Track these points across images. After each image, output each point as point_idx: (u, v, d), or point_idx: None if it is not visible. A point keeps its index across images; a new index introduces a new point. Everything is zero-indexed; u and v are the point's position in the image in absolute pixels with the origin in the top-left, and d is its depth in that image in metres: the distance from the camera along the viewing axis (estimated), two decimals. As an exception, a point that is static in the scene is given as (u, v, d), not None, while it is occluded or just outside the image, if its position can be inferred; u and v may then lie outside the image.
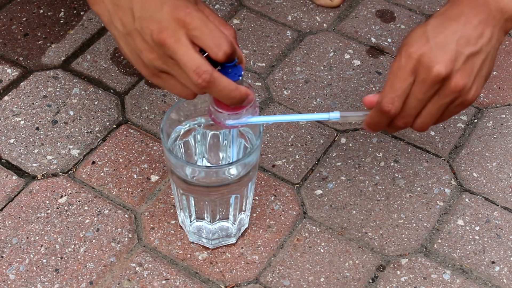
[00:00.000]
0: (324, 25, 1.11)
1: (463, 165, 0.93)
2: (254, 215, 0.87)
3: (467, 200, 0.89)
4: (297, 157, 0.93)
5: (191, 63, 0.65)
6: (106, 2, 0.69)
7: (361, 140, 0.95)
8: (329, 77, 1.03)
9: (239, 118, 0.71)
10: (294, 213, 0.88)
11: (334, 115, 0.72)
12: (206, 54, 0.66)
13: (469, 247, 0.85)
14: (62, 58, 1.05)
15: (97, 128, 0.96)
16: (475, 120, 0.98)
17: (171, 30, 0.65)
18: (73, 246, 0.84)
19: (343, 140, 0.95)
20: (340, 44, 1.08)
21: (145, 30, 0.66)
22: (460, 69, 0.69)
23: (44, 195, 0.88)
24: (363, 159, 0.93)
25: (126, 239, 0.85)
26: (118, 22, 0.68)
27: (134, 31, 0.67)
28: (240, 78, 0.69)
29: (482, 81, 0.72)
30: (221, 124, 0.72)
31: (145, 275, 0.81)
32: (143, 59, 0.68)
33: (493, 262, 0.83)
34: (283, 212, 0.88)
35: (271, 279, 0.81)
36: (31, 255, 0.83)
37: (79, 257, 0.83)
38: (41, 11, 1.12)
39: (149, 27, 0.66)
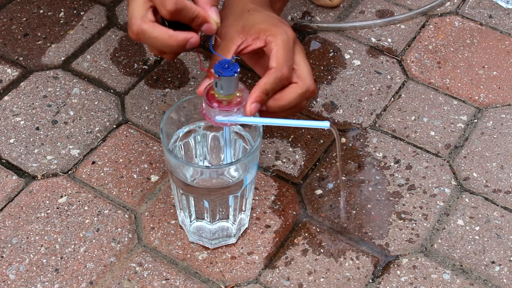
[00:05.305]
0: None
1: (463, 165, 0.93)
2: (254, 215, 0.87)
3: (467, 200, 0.89)
4: (297, 157, 0.93)
5: (129, 15, 0.70)
6: None
7: (361, 140, 0.95)
8: (329, 77, 1.03)
9: (229, 115, 0.71)
10: (294, 213, 0.88)
11: (324, 124, 0.71)
12: None
13: (469, 247, 0.85)
14: (62, 58, 1.05)
15: (97, 128, 0.96)
16: (475, 120, 0.98)
17: None
18: (73, 246, 0.84)
19: (343, 140, 0.95)
20: (340, 44, 1.08)
21: None
22: None
23: (44, 195, 0.88)
24: (363, 159, 0.93)
25: (126, 239, 0.85)
26: None
27: None
28: (236, 75, 0.68)
29: None
30: (211, 120, 0.72)
31: (145, 275, 0.81)
32: None
33: (493, 262, 0.83)
34: (283, 212, 0.88)
35: (271, 279, 0.81)
36: (31, 255, 0.83)
37: (79, 257, 0.83)
38: (41, 11, 1.12)
39: None
